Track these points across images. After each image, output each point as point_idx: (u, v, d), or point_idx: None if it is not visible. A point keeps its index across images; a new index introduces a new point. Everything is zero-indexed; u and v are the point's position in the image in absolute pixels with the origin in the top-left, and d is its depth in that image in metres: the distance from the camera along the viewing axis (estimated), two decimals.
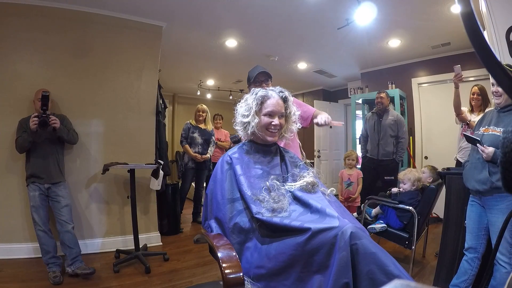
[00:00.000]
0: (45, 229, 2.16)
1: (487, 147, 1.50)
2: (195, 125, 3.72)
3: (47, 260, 2.11)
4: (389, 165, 3.45)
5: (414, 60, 4.16)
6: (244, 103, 1.28)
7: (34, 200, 2.16)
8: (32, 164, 2.20)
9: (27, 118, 2.18)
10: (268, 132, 1.25)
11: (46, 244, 2.13)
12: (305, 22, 3.08)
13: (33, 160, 2.20)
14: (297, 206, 1.10)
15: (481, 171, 1.56)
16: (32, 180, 2.18)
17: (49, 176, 2.22)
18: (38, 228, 2.14)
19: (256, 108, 1.23)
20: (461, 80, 2.30)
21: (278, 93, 1.27)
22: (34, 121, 2.04)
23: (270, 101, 1.25)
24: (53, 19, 2.60)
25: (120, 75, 2.88)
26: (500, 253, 1.48)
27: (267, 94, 1.25)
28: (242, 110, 1.27)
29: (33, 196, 2.16)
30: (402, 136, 3.44)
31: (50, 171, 2.23)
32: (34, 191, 2.17)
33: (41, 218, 2.15)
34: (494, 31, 1.74)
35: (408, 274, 0.87)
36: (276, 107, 1.24)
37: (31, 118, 2.05)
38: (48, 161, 2.24)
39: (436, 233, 3.09)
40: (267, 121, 1.24)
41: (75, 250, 2.20)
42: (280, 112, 1.26)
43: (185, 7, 2.78)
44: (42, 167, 2.20)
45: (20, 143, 2.16)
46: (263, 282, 0.97)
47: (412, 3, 2.61)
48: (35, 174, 2.18)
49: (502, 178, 0.44)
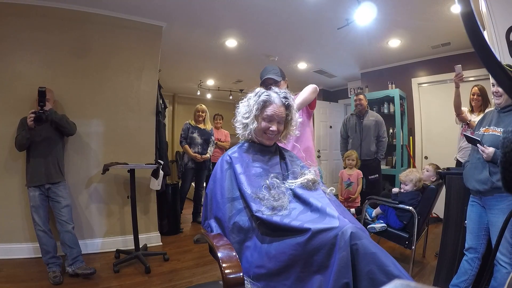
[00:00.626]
0: (45, 229, 2.15)
1: (487, 147, 1.50)
2: (194, 125, 3.73)
3: (47, 260, 2.11)
4: (372, 164, 3.59)
5: (414, 60, 4.15)
6: (246, 102, 1.27)
7: (34, 200, 2.16)
8: (32, 164, 2.20)
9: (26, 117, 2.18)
10: (265, 136, 1.26)
11: (46, 244, 2.13)
12: (305, 22, 3.08)
13: (33, 160, 2.20)
14: (297, 204, 1.10)
15: (482, 171, 1.56)
16: (32, 180, 2.18)
17: (49, 176, 2.21)
18: (38, 228, 2.14)
19: (256, 113, 1.23)
20: (461, 80, 2.30)
21: (281, 99, 1.25)
22: (31, 117, 2.04)
23: (271, 106, 1.23)
24: (53, 19, 2.60)
25: (120, 75, 2.88)
26: (500, 253, 1.48)
27: (269, 99, 1.23)
28: (243, 110, 1.27)
29: (33, 196, 2.16)
30: (383, 135, 3.59)
31: (50, 171, 2.22)
32: (34, 191, 2.17)
33: (41, 218, 2.15)
34: (494, 31, 1.74)
35: (408, 274, 0.87)
36: (276, 113, 1.23)
37: (29, 115, 2.05)
38: (48, 161, 2.23)
39: (436, 233, 3.09)
40: (265, 126, 1.24)
41: (76, 250, 2.20)
42: (280, 118, 1.25)
43: (185, 7, 2.78)
44: (42, 167, 2.20)
45: (19, 141, 2.16)
46: (263, 282, 0.97)
47: (412, 3, 2.61)
48: (35, 174, 2.18)
49: (502, 178, 0.44)
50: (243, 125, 1.27)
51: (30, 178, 2.19)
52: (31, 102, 2.41)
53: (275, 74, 1.74)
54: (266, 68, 1.80)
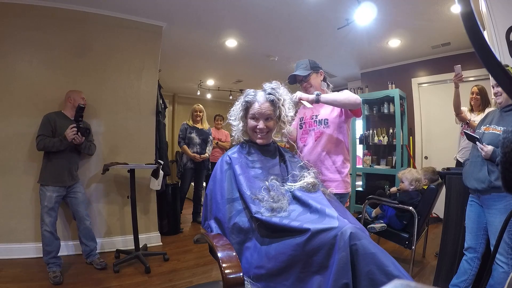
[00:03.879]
0: (52, 230, 2.18)
1: (486, 145, 1.51)
2: (192, 125, 3.73)
3: (48, 260, 2.12)
4: None
5: (414, 60, 4.15)
6: (236, 105, 1.31)
7: (50, 201, 2.17)
8: (55, 164, 2.22)
9: (53, 115, 2.27)
10: (255, 134, 1.27)
11: (50, 245, 2.15)
12: (305, 22, 3.08)
13: (56, 161, 2.23)
14: (297, 206, 1.10)
15: (481, 169, 1.56)
16: (56, 180, 2.20)
17: (71, 177, 2.29)
18: (46, 228, 2.15)
19: (241, 113, 1.26)
20: (461, 80, 2.31)
21: (266, 95, 1.25)
22: (74, 131, 2.14)
23: (255, 105, 1.25)
24: (53, 19, 2.60)
25: (120, 75, 2.88)
26: (497, 252, 1.48)
27: (252, 99, 1.25)
28: (232, 112, 1.31)
29: (49, 197, 2.17)
30: None
31: (72, 173, 2.30)
32: (52, 192, 2.18)
33: (51, 220, 2.18)
34: (494, 31, 1.73)
35: (408, 274, 0.87)
36: (260, 110, 1.24)
37: (71, 128, 2.14)
38: (71, 163, 2.30)
39: (436, 233, 3.09)
40: (252, 124, 1.25)
41: (93, 244, 2.36)
42: (266, 115, 1.24)
43: (185, 7, 2.78)
44: (66, 168, 2.25)
45: (49, 146, 2.16)
46: (263, 282, 0.97)
47: (412, 3, 2.61)
48: (58, 174, 2.22)
49: (502, 178, 0.44)
50: (233, 127, 1.30)
51: (52, 177, 2.20)
52: (31, 102, 2.41)
53: (303, 68, 1.63)
54: (296, 65, 1.69)
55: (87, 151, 2.41)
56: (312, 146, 1.56)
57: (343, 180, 1.53)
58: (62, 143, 2.16)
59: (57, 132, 2.23)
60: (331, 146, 1.53)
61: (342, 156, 1.55)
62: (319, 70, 1.66)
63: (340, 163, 1.54)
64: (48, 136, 2.19)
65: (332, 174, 1.53)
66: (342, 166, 1.54)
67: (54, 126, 2.23)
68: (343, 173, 1.54)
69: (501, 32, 1.71)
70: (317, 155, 1.54)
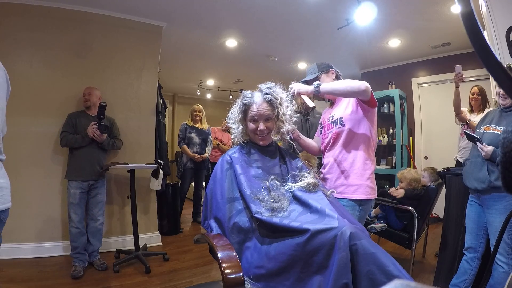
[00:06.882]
0: (79, 226, 2.24)
1: (486, 145, 1.51)
2: (191, 125, 3.73)
3: (73, 255, 2.20)
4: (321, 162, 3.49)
5: (414, 60, 4.15)
6: (234, 108, 1.31)
7: (74, 197, 2.22)
8: (78, 159, 2.27)
9: (76, 114, 2.36)
10: (256, 136, 1.27)
11: (76, 241, 2.22)
12: (305, 22, 3.08)
13: (79, 156, 2.28)
14: (297, 206, 1.10)
15: (480, 169, 1.56)
16: (74, 175, 2.24)
17: (93, 173, 2.31)
18: (73, 225, 2.22)
19: (239, 116, 1.26)
20: (461, 80, 2.31)
21: (262, 96, 1.25)
22: (94, 128, 2.20)
23: (253, 107, 1.24)
24: (53, 19, 2.60)
25: (120, 75, 2.88)
26: (498, 252, 1.48)
27: (249, 101, 1.25)
28: (231, 115, 1.31)
29: (73, 194, 2.22)
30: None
31: (94, 168, 2.32)
32: (75, 189, 2.23)
33: (77, 216, 2.23)
34: (494, 31, 1.74)
35: (408, 274, 0.86)
36: (258, 111, 1.23)
37: (92, 126, 2.21)
38: (94, 158, 2.33)
39: (436, 233, 3.09)
40: (252, 127, 1.25)
41: (97, 245, 2.37)
42: (265, 116, 1.24)
43: (185, 7, 2.78)
44: (87, 163, 2.28)
45: (71, 142, 2.26)
46: (263, 282, 0.97)
47: (412, 3, 2.61)
48: (81, 169, 2.26)
49: (502, 178, 0.44)
50: (233, 129, 1.31)
51: (75, 171, 2.26)
52: (31, 102, 2.41)
53: (311, 73, 1.59)
54: (306, 71, 1.65)
55: (111, 147, 2.45)
56: (330, 149, 1.47)
57: (364, 184, 1.37)
58: (84, 140, 2.25)
59: (77, 129, 2.31)
60: (349, 147, 1.40)
61: (362, 156, 1.39)
62: (329, 69, 1.61)
63: (361, 164, 1.38)
64: (71, 133, 2.28)
65: (352, 178, 1.37)
66: (363, 167, 1.38)
67: (75, 125, 2.32)
68: (364, 176, 1.37)
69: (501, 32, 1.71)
70: (334, 158, 1.42)
